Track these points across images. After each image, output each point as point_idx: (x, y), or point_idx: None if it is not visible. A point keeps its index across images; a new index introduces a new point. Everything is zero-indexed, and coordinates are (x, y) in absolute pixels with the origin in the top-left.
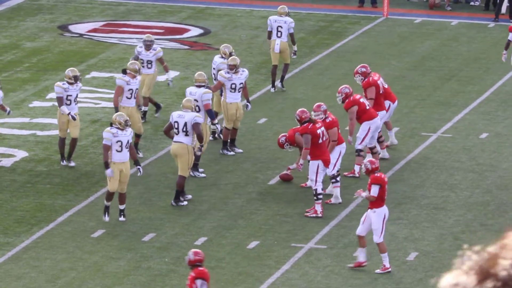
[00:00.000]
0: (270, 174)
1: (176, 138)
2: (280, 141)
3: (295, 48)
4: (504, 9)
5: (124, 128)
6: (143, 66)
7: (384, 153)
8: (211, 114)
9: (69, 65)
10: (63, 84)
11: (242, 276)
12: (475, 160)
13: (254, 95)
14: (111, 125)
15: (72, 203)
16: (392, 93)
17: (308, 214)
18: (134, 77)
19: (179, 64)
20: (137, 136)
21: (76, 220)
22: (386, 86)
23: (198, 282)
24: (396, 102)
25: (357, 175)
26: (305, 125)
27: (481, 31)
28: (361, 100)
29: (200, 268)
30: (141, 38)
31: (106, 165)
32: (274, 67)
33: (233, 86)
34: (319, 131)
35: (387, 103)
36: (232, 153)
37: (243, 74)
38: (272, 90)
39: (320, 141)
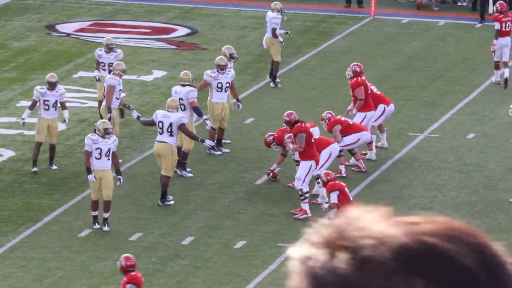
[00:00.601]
0: (257, 174)
1: (159, 137)
2: (268, 140)
3: (280, 39)
4: (490, 9)
5: (103, 136)
6: (104, 69)
7: (371, 155)
8: (198, 111)
9: (57, 65)
10: (41, 88)
11: (229, 276)
12: (462, 160)
13: (241, 95)
14: (94, 131)
15: (59, 203)
16: (386, 98)
17: (297, 216)
18: (121, 77)
19: (166, 64)
20: None
21: (63, 219)
22: (378, 92)
23: (128, 286)
24: (392, 105)
25: (344, 174)
26: (297, 124)
27: (468, 31)
28: (343, 118)
29: (133, 273)
30: (129, 38)
31: (88, 171)
32: (272, 61)
33: (220, 85)
34: (311, 129)
35: (381, 106)
36: (219, 153)
37: (229, 74)
38: (268, 77)
39: (313, 140)
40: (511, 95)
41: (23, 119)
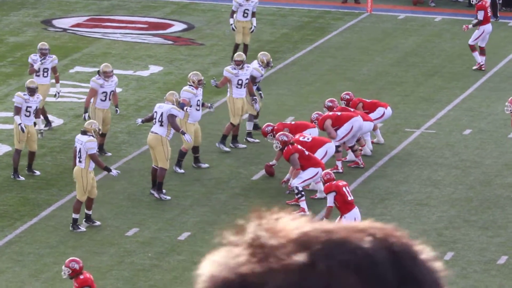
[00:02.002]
0: (253, 169)
1: (152, 128)
2: (265, 130)
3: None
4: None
5: (97, 136)
6: (38, 76)
7: (366, 150)
8: (182, 106)
9: None
10: (24, 94)
11: None
12: (459, 156)
13: None
14: (85, 133)
15: (56, 198)
16: (381, 102)
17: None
18: (106, 81)
19: (162, 59)
20: (103, 135)
21: (60, 214)
22: (369, 100)
23: None
24: (389, 108)
25: (340, 170)
26: (286, 149)
27: None
28: (330, 113)
29: (81, 277)
30: (126, 33)
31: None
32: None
33: (240, 82)
34: (299, 146)
35: (381, 110)
36: (227, 149)
37: (248, 70)
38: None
39: (307, 152)
40: (507, 91)
41: (21, 124)
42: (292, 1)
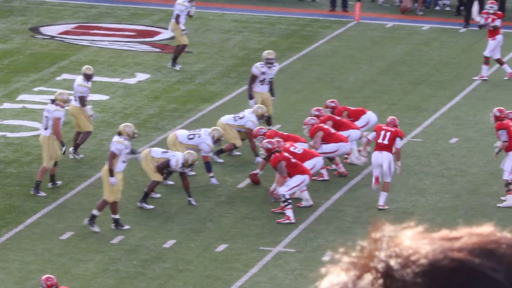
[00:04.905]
0: (239, 177)
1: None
2: (258, 132)
3: (181, 27)
4: (475, 14)
5: (131, 139)
6: None
7: (353, 159)
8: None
9: (41, 67)
10: (86, 82)
11: (210, 279)
12: (445, 165)
13: (224, 99)
14: (119, 134)
15: (41, 205)
16: (366, 110)
17: (280, 220)
18: (62, 107)
19: (150, 67)
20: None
21: (45, 222)
22: (353, 108)
23: None
24: (371, 113)
25: (326, 177)
26: (273, 157)
27: (452, 36)
28: (325, 126)
29: None
30: (114, 41)
31: (112, 173)
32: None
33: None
34: (286, 154)
35: (365, 118)
36: (222, 160)
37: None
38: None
39: (294, 160)
40: (494, 100)
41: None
42: (280, 9)
